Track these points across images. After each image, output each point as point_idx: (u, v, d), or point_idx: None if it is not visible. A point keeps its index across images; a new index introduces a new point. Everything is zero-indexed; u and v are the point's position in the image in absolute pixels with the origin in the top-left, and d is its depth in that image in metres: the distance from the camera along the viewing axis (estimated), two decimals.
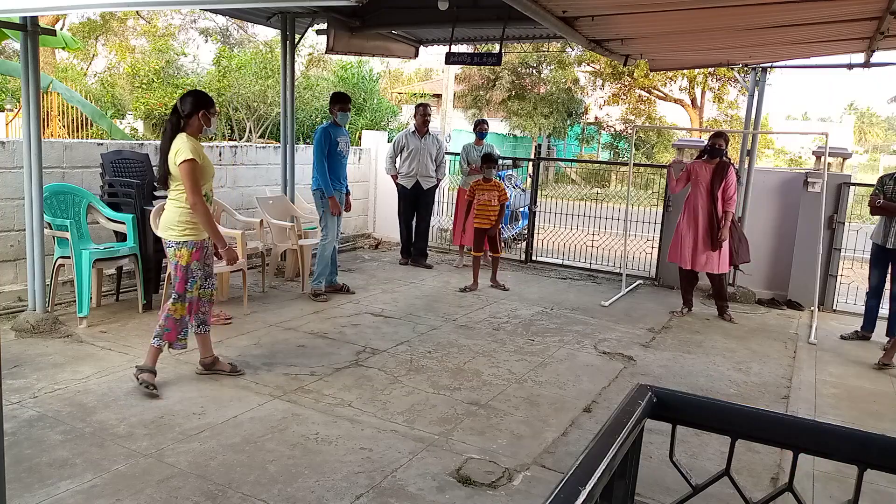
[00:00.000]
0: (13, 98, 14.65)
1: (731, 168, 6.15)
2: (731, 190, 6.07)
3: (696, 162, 6.33)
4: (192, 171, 3.77)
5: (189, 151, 3.76)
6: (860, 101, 73.10)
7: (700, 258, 6.19)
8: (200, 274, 3.99)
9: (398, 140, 7.82)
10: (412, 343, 5.05)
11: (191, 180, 3.76)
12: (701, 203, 6.15)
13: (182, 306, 3.96)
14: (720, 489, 1.69)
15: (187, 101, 3.86)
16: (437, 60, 15.88)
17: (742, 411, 1.70)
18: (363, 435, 3.49)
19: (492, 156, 7.06)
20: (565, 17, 4.60)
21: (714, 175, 6.10)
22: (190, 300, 3.98)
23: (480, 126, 8.10)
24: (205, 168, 3.88)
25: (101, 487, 2.87)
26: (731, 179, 6.11)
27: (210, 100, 3.97)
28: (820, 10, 4.32)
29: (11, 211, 5.35)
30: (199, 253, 3.94)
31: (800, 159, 24.33)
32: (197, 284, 3.98)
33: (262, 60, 16.88)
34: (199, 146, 3.88)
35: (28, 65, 4.67)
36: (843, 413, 4.23)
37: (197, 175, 3.79)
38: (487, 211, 6.94)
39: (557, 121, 23.09)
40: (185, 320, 4.01)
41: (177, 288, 3.93)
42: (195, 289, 3.98)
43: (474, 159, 7.88)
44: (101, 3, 6.15)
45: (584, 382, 4.46)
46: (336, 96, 6.22)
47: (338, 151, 6.13)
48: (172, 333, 3.96)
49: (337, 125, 6.15)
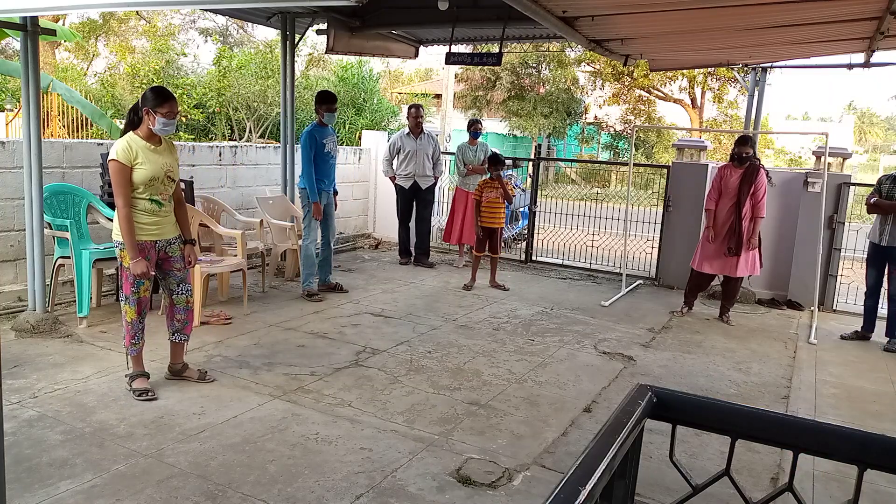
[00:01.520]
0: (13, 98, 14.64)
1: (760, 171, 5.99)
2: (759, 193, 5.92)
3: (725, 166, 6.17)
4: (115, 172, 3.63)
5: (115, 151, 3.63)
6: (860, 101, 73.22)
7: (727, 262, 6.07)
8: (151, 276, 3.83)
9: (394, 142, 7.85)
10: (412, 343, 5.05)
11: (113, 181, 3.64)
12: (729, 208, 6.00)
13: (131, 309, 3.80)
14: (720, 489, 1.69)
15: (141, 98, 3.72)
16: (437, 60, 15.89)
17: (742, 411, 1.70)
18: (363, 435, 3.49)
19: (499, 156, 7.06)
20: (565, 17, 4.61)
21: (742, 180, 5.95)
22: (139, 301, 3.80)
23: (474, 126, 8.11)
24: (142, 172, 3.67)
25: (101, 487, 2.87)
26: (761, 182, 5.94)
27: (163, 97, 3.70)
28: (820, 10, 4.33)
29: (11, 211, 5.35)
30: (144, 253, 3.75)
31: (800, 159, 24.33)
32: (144, 286, 3.79)
33: (262, 60, 16.88)
34: (137, 146, 3.68)
35: (28, 65, 4.67)
36: (843, 413, 4.23)
37: (122, 177, 3.63)
38: (494, 209, 6.95)
39: (557, 121, 23.09)
40: (138, 324, 3.85)
41: (123, 289, 3.81)
42: (143, 290, 3.80)
43: (470, 159, 7.89)
44: (101, 3, 6.16)
45: (584, 382, 4.46)
46: (322, 96, 6.15)
47: (325, 153, 6.10)
48: (127, 337, 3.86)
49: (322, 126, 6.10)
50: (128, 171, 3.66)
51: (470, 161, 7.88)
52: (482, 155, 7.88)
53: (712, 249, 6.11)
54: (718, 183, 6.10)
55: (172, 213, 3.94)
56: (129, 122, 3.76)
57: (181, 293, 3.99)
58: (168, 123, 3.73)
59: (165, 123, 3.71)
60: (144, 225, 3.77)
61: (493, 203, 6.94)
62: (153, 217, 3.79)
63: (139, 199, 3.74)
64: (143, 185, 3.70)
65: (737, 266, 6.06)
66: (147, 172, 3.70)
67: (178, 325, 4.03)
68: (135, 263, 3.69)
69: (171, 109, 3.71)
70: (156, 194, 3.77)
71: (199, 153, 7.01)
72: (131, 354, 3.90)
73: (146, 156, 3.70)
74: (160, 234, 3.84)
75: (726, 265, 6.10)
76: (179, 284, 3.97)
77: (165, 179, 3.80)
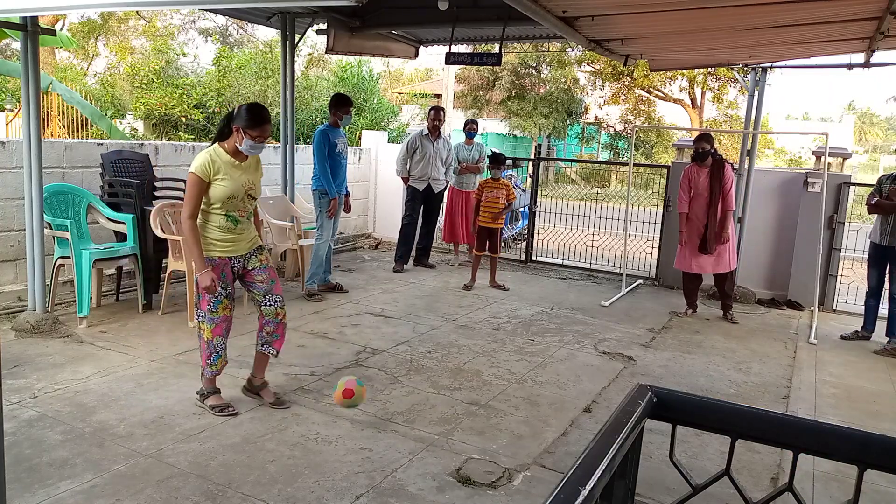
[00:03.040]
0: (13, 98, 14.64)
1: (726, 166, 6.06)
2: (728, 186, 5.99)
3: (690, 167, 6.23)
4: (190, 184, 3.47)
5: (196, 164, 3.47)
6: (860, 101, 73.23)
7: (706, 261, 6.12)
8: (224, 292, 3.59)
9: (411, 142, 7.67)
10: (412, 343, 5.05)
11: (186, 194, 3.50)
12: (701, 207, 6.07)
13: (207, 327, 3.60)
14: (720, 489, 1.69)
15: (235, 112, 3.53)
16: (437, 60, 15.89)
17: (742, 411, 1.70)
18: (363, 435, 3.49)
19: (500, 156, 7.06)
20: (565, 17, 4.60)
21: (711, 177, 6.02)
22: (218, 321, 3.61)
23: (470, 126, 8.11)
24: (222, 188, 3.49)
25: (101, 487, 2.87)
26: (728, 176, 6.03)
27: (258, 121, 3.48)
28: (820, 10, 4.32)
29: (11, 211, 5.35)
30: (219, 270, 3.56)
31: (800, 159, 24.33)
32: (223, 304, 3.59)
33: (262, 60, 16.87)
34: (221, 161, 3.51)
35: (28, 65, 4.67)
36: (843, 413, 4.23)
37: (195, 191, 3.46)
38: (494, 209, 6.95)
39: (557, 121, 23.09)
40: (217, 343, 3.64)
41: (201, 306, 3.60)
42: (222, 308, 3.59)
43: (464, 158, 7.91)
44: (101, 3, 6.16)
45: (584, 382, 4.46)
46: (340, 99, 6.23)
47: (337, 153, 6.15)
48: (203, 356, 3.67)
49: (336, 127, 6.16)
50: (203, 186, 3.47)
51: (464, 159, 7.90)
52: (476, 154, 7.91)
53: (692, 250, 6.17)
54: (687, 184, 6.16)
55: (250, 229, 3.72)
56: (220, 132, 3.57)
57: (269, 304, 3.74)
58: (256, 147, 3.53)
59: (253, 146, 3.52)
60: (216, 241, 3.58)
61: (492, 203, 6.94)
62: (227, 234, 3.58)
63: (215, 214, 3.55)
64: (221, 201, 3.51)
65: (719, 262, 6.11)
66: (226, 189, 3.50)
67: (267, 336, 3.79)
68: (201, 275, 3.46)
69: (262, 134, 3.50)
70: (233, 211, 3.57)
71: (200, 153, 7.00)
72: (206, 376, 3.69)
73: (228, 171, 3.51)
74: (234, 251, 3.62)
75: (709, 263, 6.15)
76: (266, 296, 3.73)
77: (245, 197, 3.61)
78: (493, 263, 7.20)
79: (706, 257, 6.12)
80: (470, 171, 7.84)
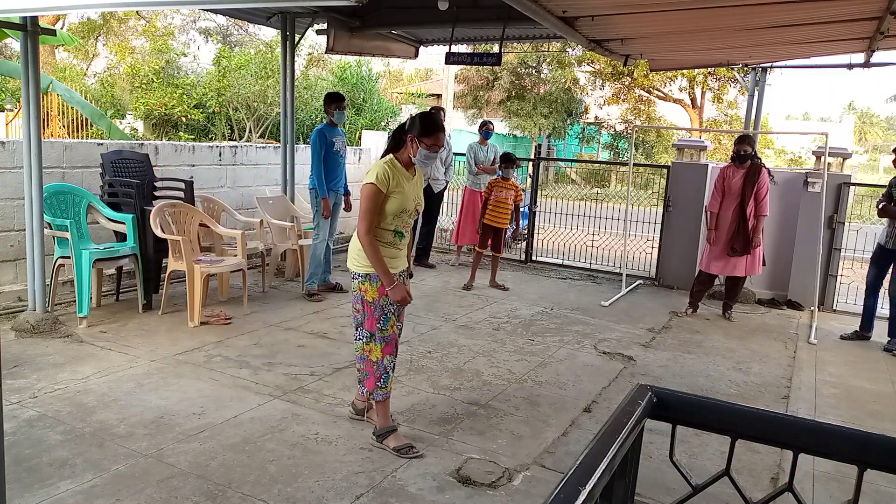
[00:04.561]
0: (13, 98, 14.64)
1: (763, 171, 6.00)
2: (762, 192, 5.94)
3: (726, 167, 6.17)
4: (369, 196, 3.27)
5: (374, 174, 3.29)
6: (860, 101, 73.26)
7: (731, 263, 6.09)
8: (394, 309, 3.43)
9: None
10: (412, 343, 5.05)
11: (363, 206, 3.30)
12: (729, 208, 6.01)
13: (377, 347, 3.42)
14: (720, 489, 1.69)
15: (409, 122, 3.41)
16: (437, 60, 15.89)
17: (742, 411, 1.70)
18: (363, 435, 3.49)
19: (511, 156, 7.07)
20: (565, 17, 4.61)
21: (745, 180, 5.96)
22: (389, 339, 3.44)
23: (486, 126, 8.12)
24: (396, 202, 3.33)
25: (101, 487, 2.87)
26: (764, 181, 5.96)
27: (432, 128, 3.35)
28: (820, 10, 4.33)
29: (11, 211, 5.35)
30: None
31: (800, 159, 24.32)
32: (391, 322, 3.43)
33: (262, 60, 16.87)
34: (399, 173, 3.35)
35: (28, 65, 4.67)
36: (843, 413, 4.23)
37: (374, 203, 3.28)
38: (502, 209, 6.95)
39: (557, 121, 23.08)
40: (388, 362, 3.45)
41: (367, 326, 3.41)
42: (390, 326, 3.43)
43: (481, 160, 7.90)
44: (101, 3, 6.16)
45: (584, 382, 4.46)
46: (331, 96, 6.23)
47: (334, 151, 6.15)
48: (371, 379, 3.45)
49: (332, 125, 6.17)
50: (381, 198, 3.30)
51: (481, 161, 7.89)
52: (493, 155, 7.90)
53: (718, 251, 6.13)
54: (721, 184, 6.10)
55: (407, 244, 3.58)
56: (393, 144, 3.44)
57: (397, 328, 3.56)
58: (430, 156, 3.39)
59: (427, 156, 3.38)
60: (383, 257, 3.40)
61: (501, 202, 6.94)
62: (391, 249, 3.41)
63: (384, 229, 3.37)
64: (393, 215, 3.36)
65: (743, 266, 6.08)
66: (400, 203, 3.35)
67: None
68: (393, 289, 3.30)
69: (436, 142, 3.36)
70: (401, 226, 3.42)
71: (199, 153, 7.02)
72: (376, 399, 3.46)
73: (402, 184, 3.36)
74: (396, 267, 3.43)
75: (731, 265, 6.11)
76: (398, 317, 3.56)
77: (413, 212, 3.48)
78: (495, 262, 7.20)
79: (729, 259, 6.07)
80: (487, 172, 7.82)
